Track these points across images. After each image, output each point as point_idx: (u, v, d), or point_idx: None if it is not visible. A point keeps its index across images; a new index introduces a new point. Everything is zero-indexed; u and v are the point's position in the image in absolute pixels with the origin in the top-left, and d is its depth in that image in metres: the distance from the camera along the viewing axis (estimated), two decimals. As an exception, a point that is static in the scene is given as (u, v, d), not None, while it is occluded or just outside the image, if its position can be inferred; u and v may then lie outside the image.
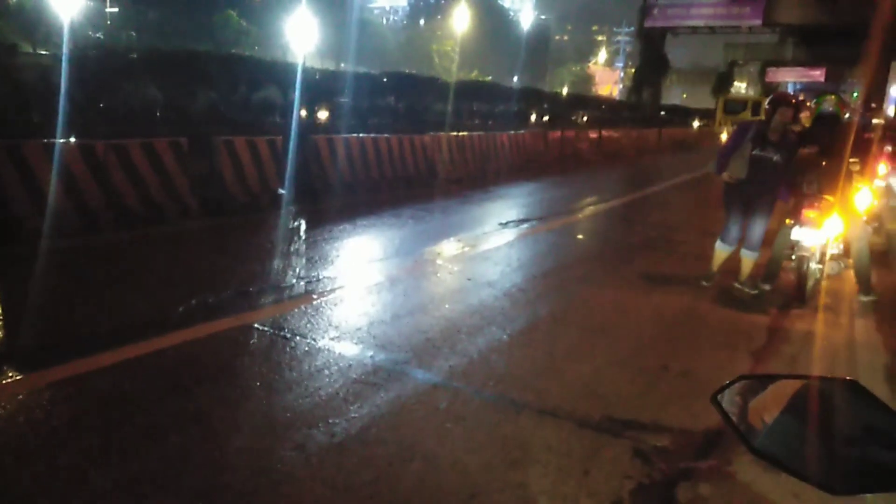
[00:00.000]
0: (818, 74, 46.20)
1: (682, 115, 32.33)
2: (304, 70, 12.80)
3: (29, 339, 3.68)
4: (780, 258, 5.52)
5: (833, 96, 5.75)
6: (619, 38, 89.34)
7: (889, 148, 8.04)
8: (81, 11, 26.69)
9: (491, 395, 3.38)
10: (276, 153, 8.03)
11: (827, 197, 5.08)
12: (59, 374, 3.24)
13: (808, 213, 5.09)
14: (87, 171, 6.11)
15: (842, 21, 29.94)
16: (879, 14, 22.79)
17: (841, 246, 5.41)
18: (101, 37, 27.32)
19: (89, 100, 9.68)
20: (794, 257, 5.39)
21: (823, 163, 5.16)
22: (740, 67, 50.79)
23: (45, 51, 17.83)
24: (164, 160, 6.75)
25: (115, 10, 33.64)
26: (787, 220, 5.35)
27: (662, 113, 29.21)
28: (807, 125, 6.27)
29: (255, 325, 4.06)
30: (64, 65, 8.30)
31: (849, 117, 6.04)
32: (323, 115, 12.67)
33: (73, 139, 6.15)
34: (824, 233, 5.11)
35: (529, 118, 17.26)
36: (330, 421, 2.97)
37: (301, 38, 29.93)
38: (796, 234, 5.20)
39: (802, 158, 5.26)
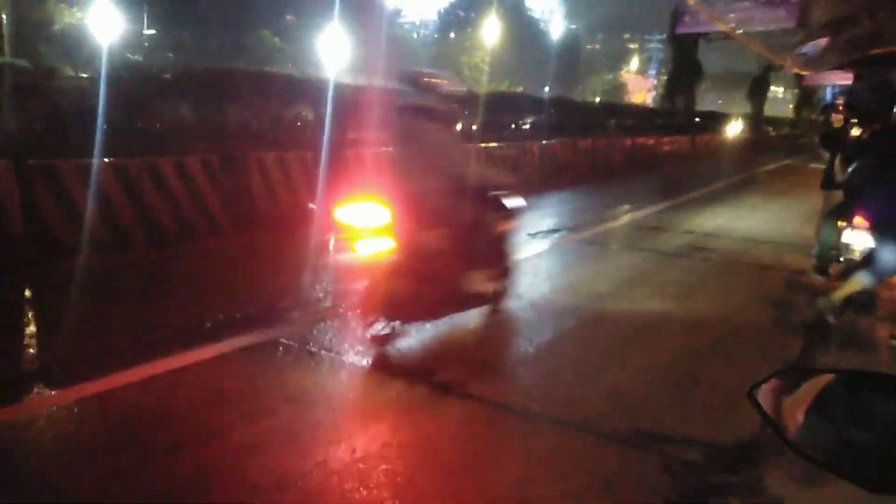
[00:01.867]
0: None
1: (718, 120, 31.80)
2: (335, 86, 12.96)
3: (60, 356, 3.75)
4: (828, 248, 5.40)
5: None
6: (651, 45, 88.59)
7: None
8: (120, 35, 27.47)
9: (515, 408, 3.34)
10: (307, 168, 8.11)
11: None
12: (88, 390, 3.30)
13: (861, 218, 4.94)
14: (120, 189, 6.25)
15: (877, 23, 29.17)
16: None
17: None
18: (139, 58, 28.05)
19: (125, 120, 9.94)
20: (841, 259, 5.26)
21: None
22: (776, 71, 49.87)
23: (86, 73, 18.36)
24: (196, 178, 6.87)
25: (153, 31, 34.56)
26: (840, 222, 5.21)
27: (697, 119, 28.76)
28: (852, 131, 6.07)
29: (282, 340, 4.08)
30: (101, 87, 8.54)
31: None
32: (356, 132, 12.78)
33: (107, 159, 6.30)
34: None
35: (560, 128, 17.16)
36: (352, 437, 2.96)
37: (333, 55, 30.34)
38: (847, 236, 5.07)
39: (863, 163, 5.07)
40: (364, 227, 3.73)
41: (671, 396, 3.56)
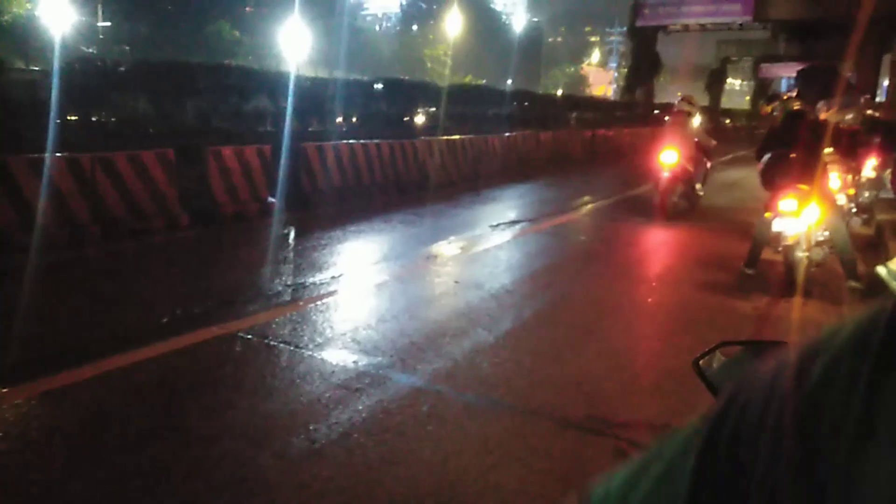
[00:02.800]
0: (811, 69, 46.26)
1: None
2: (296, 78, 12.85)
3: (13, 353, 3.67)
4: (760, 243, 5.64)
5: (793, 98, 5.86)
6: (612, 38, 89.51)
7: (878, 140, 8.04)
8: (74, 27, 26.78)
9: (474, 397, 3.38)
10: (266, 162, 8.04)
11: (801, 186, 5.13)
12: (42, 386, 3.24)
13: (783, 203, 5.16)
14: (74, 184, 6.12)
15: (831, 15, 29.99)
16: (866, 7, 22.84)
17: (826, 233, 5.45)
18: (93, 51, 27.39)
19: (79, 114, 9.72)
20: (779, 248, 5.44)
21: (793, 155, 5.23)
22: (733, 64, 50.83)
23: (37, 66, 17.88)
24: (152, 172, 6.76)
25: (108, 24, 33.76)
26: (767, 213, 5.40)
27: (656, 111, 29.20)
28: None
29: (240, 334, 4.05)
30: (54, 79, 8.32)
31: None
32: (313, 122, 12.71)
33: (60, 154, 6.16)
34: (803, 221, 5.16)
35: (522, 120, 17.29)
36: (311, 427, 2.97)
37: (294, 47, 30.03)
38: (777, 225, 5.26)
39: (775, 154, 5.34)
40: (669, 163, 8.47)
41: (627, 382, 3.64)
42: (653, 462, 0.42)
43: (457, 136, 12.09)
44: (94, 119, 9.95)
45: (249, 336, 4.03)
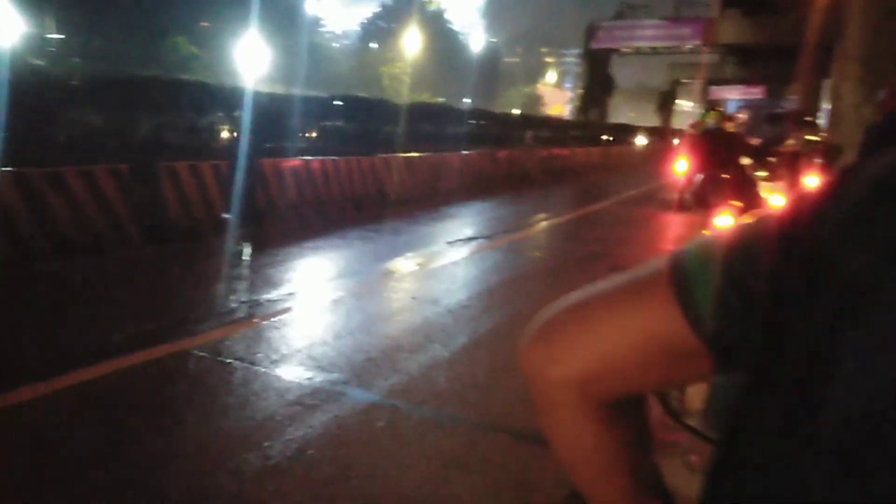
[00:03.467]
0: (758, 91, 47.95)
1: (629, 132, 33.12)
2: (253, 94, 12.76)
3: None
4: None
5: (715, 111, 6.10)
6: (567, 59, 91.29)
7: (819, 160, 8.41)
8: (22, 38, 26.11)
9: (430, 411, 3.42)
10: (221, 178, 7.97)
11: (734, 203, 5.35)
12: (-14, 407, 3.16)
13: (718, 220, 5.37)
14: (21, 200, 5.98)
15: (775, 41, 31.26)
16: (809, 35, 23.84)
17: None
18: (43, 63, 26.72)
19: (28, 128, 9.48)
20: None
21: (724, 175, 5.47)
22: (683, 86, 52.36)
23: (-17, 79, 17.40)
24: (104, 188, 6.64)
25: (61, 36, 33.01)
26: (704, 231, 5.62)
27: (605, 137, 29.86)
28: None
29: (194, 352, 4.01)
30: (2, 93, 8.11)
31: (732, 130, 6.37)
32: (270, 138, 12.63)
33: (5, 168, 6.01)
34: None
35: (479, 139, 17.48)
36: (266, 444, 2.96)
37: (251, 63, 29.81)
38: None
39: (707, 175, 5.58)
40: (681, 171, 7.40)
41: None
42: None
43: (415, 154, 12.18)
44: (42, 133, 9.72)
45: (203, 354, 3.99)
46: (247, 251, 7.05)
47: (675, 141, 38.37)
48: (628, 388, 0.55)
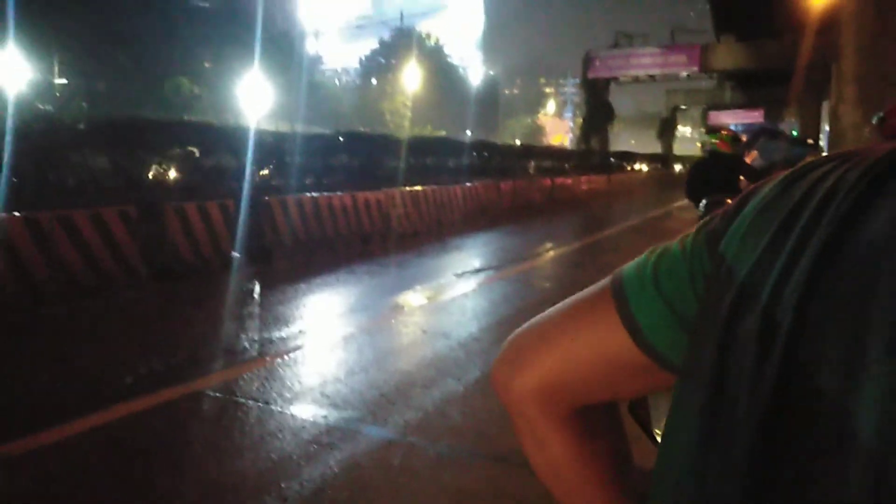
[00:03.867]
0: (757, 115, 48.36)
1: (631, 160, 33.33)
2: (257, 133, 12.91)
3: (-32, 421, 3.56)
4: None
5: (722, 133, 6.13)
6: (566, 89, 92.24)
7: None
8: (30, 84, 26.55)
9: (446, 447, 3.38)
10: (229, 216, 8.02)
11: None
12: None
13: None
14: (32, 243, 6.02)
15: (770, 65, 31.59)
16: (804, 58, 24.10)
17: None
18: (51, 108, 27.10)
19: (37, 172, 9.59)
20: None
21: (729, 200, 5.49)
22: (683, 112, 52.82)
23: (-8, 125, 17.66)
24: (113, 229, 6.69)
25: (65, 81, 33.54)
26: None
27: (612, 159, 30.02)
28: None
29: (207, 392, 4.00)
30: (8, 138, 8.22)
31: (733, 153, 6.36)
32: (273, 175, 12.75)
33: (16, 213, 6.06)
34: None
35: (482, 170, 17.61)
36: (282, 485, 2.93)
37: (254, 102, 30.23)
38: None
39: (712, 199, 5.59)
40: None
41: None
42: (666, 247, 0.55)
43: (419, 187, 12.25)
44: (50, 177, 9.83)
45: (216, 394, 3.97)
46: (256, 289, 7.06)
47: (678, 167, 38.64)
48: (589, 396, 0.58)
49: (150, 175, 10.61)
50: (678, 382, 0.47)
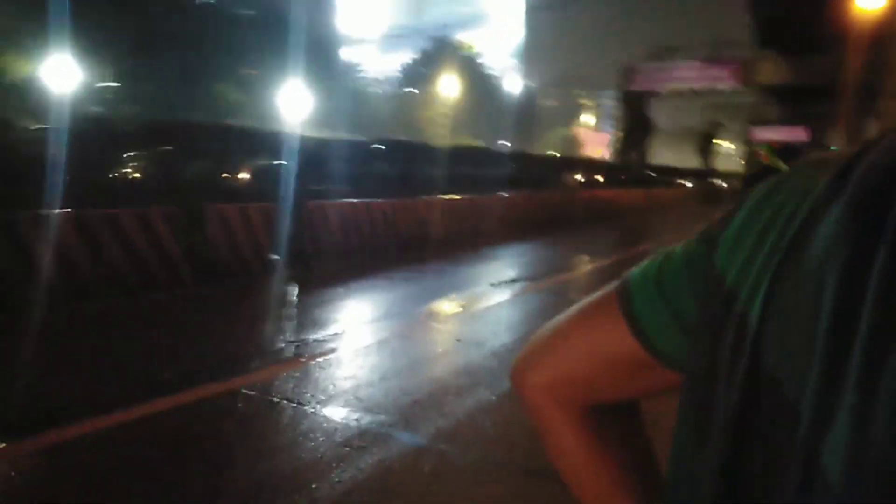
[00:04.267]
0: (800, 132, 47.33)
1: (670, 174, 32.94)
2: (297, 138, 13.10)
3: (15, 407, 3.67)
4: None
5: (769, 145, 6.06)
6: (605, 101, 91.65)
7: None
8: (82, 87, 27.36)
9: (477, 457, 3.37)
10: (269, 220, 8.15)
11: None
12: (42, 442, 3.23)
13: None
14: (79, 241, 6.20)
15: (815, 80, 30.93)
16: (850, 74, 23.56)
17: None
18: (101, 111, 27.93)
19: (87, 172, 9.87)
20: None
21: None
22: (724, 127, 51.97)
23: (46, 125, 18.23)
24: (158, 229, 6.85)
25: (115, 84, 34.51)
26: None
27: (651, 174, 29.70)
28: None
29: (243, 391, 4.06)
30: (62, 139, 8.49)
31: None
32: (313, 180, 12.90)
33: (65, 210, 6.25)
34: None
35: (519, 181, 17.57)
36: (313, 486, 2.96)
37: (295, 109, 30.68)
38: None
39: None
40: None
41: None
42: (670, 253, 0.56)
43: (457, 196, 12.29)
44: (100, 178, 10.11)
45: (252, 392, 4.03)
46: (294, 292, 7.15)
47: (719, 182, 38.04)
48: (599, 393, 0.60)
49: (195, 177, 10.83)
50: (682, 383, 0.48)
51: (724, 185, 37.97)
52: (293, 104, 30.70)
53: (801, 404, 0.35)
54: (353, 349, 5.10)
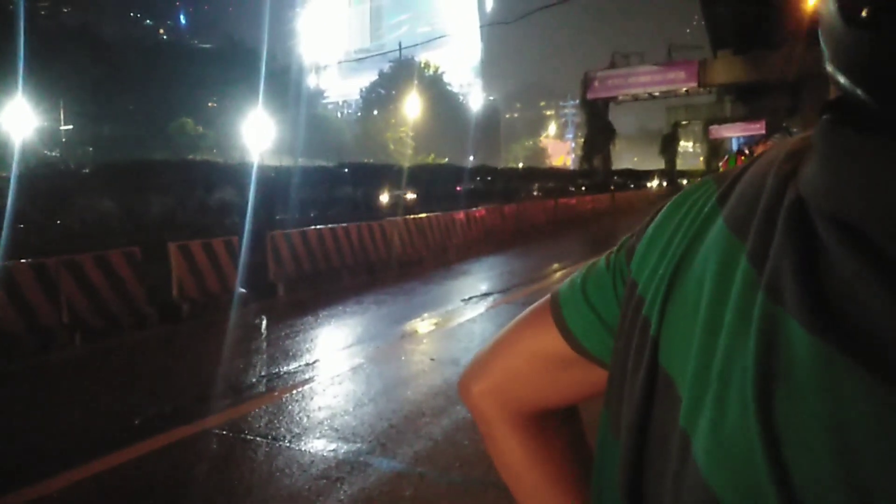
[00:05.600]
0: (758, 127, 48.29)
1: (635, 177, 33.37)
2: (260, 168, 13.03)
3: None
4: None
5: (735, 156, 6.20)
6: (566, 110, 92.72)
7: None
8: (36, 131, 26.93)
9: (457, 477, 3.33)
10: (234, 252, 8.04)
11: None
12: (17, 501, 3.11)
13: None
14: (39, 289, 6.04)
15: (769, 77, 31.66)
16: (802, 67, 24.14)
17: None
18: (57, 154, 27.50)
19: (43, 218, 9.69)
20: None
21: None
22: (684, 127, 52.90)
23: (2, 173, 17.91)
24: (119, 271, 6.71)
25: (70, 127, 34.06)
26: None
27: (615, 178, 30.08)
28: None
29: (215, 431, 3.96)
30: (13, 185, 8.31)
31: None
32: (277, 209, 12.81)
33: (23, 259, 6.10)
34: None
35: (486, 194, 17.67)
36: (292, 522, 2.89)
37: (257, 138, 30.53)
38: None
39: None
40: None
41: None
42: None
43: (423, 215, 12.28)
44: (58, 222, 9.93)
45: (225, 432, 3.94)
46: (263, 323, 7.05)
47: (684, 181, 38.65)
48: (538, 399, 0.62)
49: (155, 215, 10.68)
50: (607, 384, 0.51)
51: (686, 183, 38.47)
52: (256, 134, 30.55)
53: (683, 398, 0.38)
54: (327, 378, 5.03)
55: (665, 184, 35.77)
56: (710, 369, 0.36)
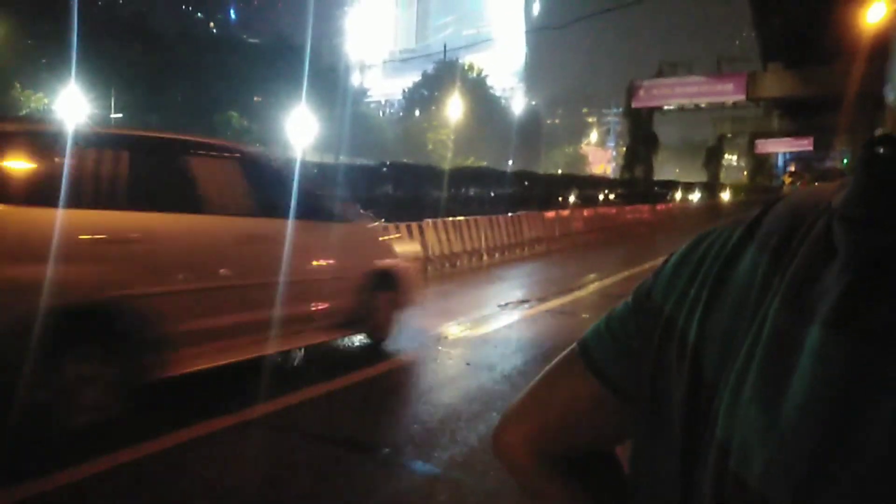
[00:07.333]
0: (806, 143, 47.32)
1: (676, 188, 32.89)
2: (302, 164, 13.14)
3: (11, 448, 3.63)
4: None
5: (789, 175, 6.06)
6: (609, 118, 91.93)
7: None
8: (88, 119, 27.69)
9: (492, 484, 3.31)
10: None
11: None
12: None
13: None
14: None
15: (819, 92, 30.91)
16: (855, 84, 23.52)
17: None
18: (107, 142, 28.25)
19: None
20: None
21: None
22: (729, 140, 51.97)
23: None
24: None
25: (120, 115, 34.90)
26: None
27: (656, 188, 29.67)
28: None
29: (253, 422, 4.00)
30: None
31: None
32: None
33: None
34: None
35: (524, 200, 17.59)
36: (326, 519, 2.90)
37: (300, 134, 30.92)
38: None
39: None
40: None
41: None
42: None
43: (462, 217, 12.27)
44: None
45: (263, 424, 3.98)
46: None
47: (725, 195, 37.97)
48: (575, 441, 0.65)
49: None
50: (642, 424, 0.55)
51: (729, 197, 37.71)
52: (299, 130, 30.93)
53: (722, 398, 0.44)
54: (361, 379, 5.04)
55: (707, 197, 35.16)
56: (749, 370, 0.43)
